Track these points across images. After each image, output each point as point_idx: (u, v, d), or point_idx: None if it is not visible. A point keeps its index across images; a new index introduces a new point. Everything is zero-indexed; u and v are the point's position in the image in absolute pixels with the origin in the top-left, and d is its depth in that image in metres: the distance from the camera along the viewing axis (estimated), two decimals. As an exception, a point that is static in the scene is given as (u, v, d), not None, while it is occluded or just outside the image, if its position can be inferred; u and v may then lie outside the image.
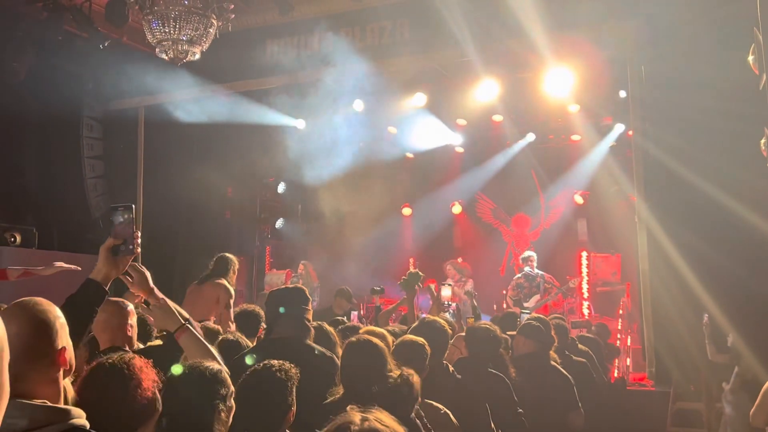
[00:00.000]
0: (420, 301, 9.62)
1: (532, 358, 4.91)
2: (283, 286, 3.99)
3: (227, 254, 7.14)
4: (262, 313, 4.88)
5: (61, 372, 1.96)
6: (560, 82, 10.04)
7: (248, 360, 3.31)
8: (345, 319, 6.93)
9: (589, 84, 10.32)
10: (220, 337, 4.34)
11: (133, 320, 3.81)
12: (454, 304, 9.06)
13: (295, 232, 13.77)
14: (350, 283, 10.03)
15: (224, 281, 6.87)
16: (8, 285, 5.85)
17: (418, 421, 3.10)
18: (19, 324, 1.88)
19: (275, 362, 2.81)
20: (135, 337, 3.83)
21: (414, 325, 4.57)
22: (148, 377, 2.29)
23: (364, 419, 1.65)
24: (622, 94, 10.15)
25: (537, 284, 10.68)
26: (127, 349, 3.61)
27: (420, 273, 6.34)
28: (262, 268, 13.56)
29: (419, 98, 11.28)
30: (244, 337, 4.51)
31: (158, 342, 3.96)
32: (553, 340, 5.15)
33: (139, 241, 2.60)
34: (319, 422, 2.54)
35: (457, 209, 14.35)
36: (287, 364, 2.79)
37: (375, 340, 3.25)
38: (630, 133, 9.40)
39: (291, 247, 13.60)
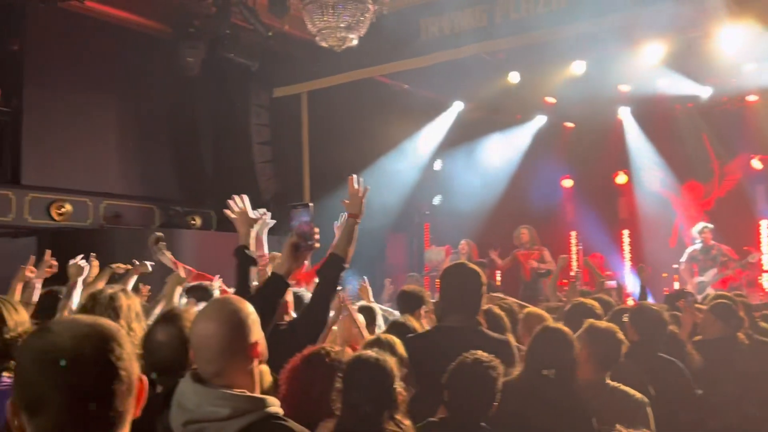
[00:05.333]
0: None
1: (719, 341, 4.62)
2: (459, 263, 3.92)
3: None
4: (423, 295, 4.92)
5: (255, 363, 2.12)
6: (734, 40, 9.31)
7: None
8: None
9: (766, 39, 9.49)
10: (391, 318, 4.46)
11: (288, 296, 3.91)
12: (614, 281, 8.69)
13: (453, 209, 13.82)
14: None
15: None
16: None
17: None
18: (217, 323, 2.05)
19: (484, 356, 2.93)
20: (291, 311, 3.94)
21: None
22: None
23: None
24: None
25: (713, 257, 10.05)
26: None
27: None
28: (422, 244, 13.76)
29: (578, 66, 10.88)
30: (411, 318, 4.61)
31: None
32: (742, 321, 4.81)
33: (318, 237, 2.75)
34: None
35: (621, 179, 13.76)
36: (495, 361, 2.94)
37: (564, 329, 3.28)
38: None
39: (449, 224, 13.66)
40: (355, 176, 3.41)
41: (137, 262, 5.04)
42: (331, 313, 3.73)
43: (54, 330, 1.34)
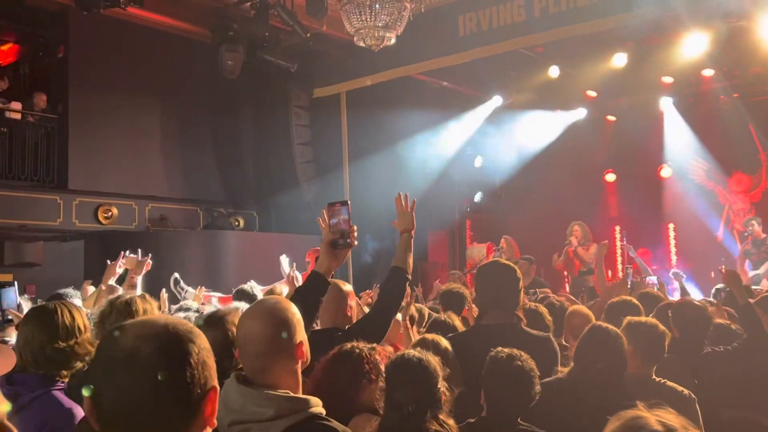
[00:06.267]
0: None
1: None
2: (493, 260, 3.91)
3: None
4: (466, 293, 4.92)
5: (299, 364, 2.13)
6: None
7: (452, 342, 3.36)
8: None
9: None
10: (434, 316, 4.44)
11: (352, 302, 3.95)
12: (654, 278, 8.52)
13: (494, 206, 13.73)
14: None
15: None
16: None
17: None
18: (263, 322, 2.07)
19: (517, 353, 2.90)
20: (354, 317, 3.98)
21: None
22: (378, 367, 2.46)
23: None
24: None
25: (765, 250, 9.77)
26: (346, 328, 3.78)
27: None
28: (463, 241, 13.69)
29: (619, 58, 10.71)
30: (454, 316, 4.59)
31: None
32: None
33: (356, 234, 2.76)
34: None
35: (666, 172, 13.50)
36: (525, 356, 2.90)
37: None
38: None
39: (491, 220, 13.58)
40: (401, 193, 3.47)
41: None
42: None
43: (125, 328, 1.32)
